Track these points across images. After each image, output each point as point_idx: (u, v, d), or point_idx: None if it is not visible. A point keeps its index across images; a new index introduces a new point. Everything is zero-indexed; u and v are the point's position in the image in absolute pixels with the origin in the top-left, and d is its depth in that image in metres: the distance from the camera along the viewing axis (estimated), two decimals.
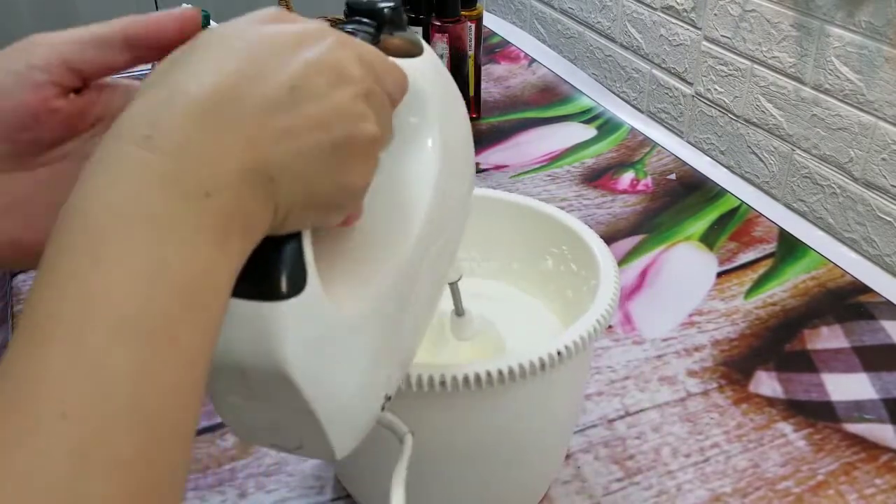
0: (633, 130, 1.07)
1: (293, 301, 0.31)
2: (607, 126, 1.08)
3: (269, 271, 0.31)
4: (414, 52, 0.40)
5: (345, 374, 0.35)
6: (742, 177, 1.00)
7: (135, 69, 0.35)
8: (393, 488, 0.40)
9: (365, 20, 0.38)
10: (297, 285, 0.31)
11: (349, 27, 0.38)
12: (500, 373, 0.42)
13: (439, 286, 0.44)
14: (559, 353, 0.43)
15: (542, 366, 0.43)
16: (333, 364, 0.34)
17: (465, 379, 0.42)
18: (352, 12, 0.39)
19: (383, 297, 0.36)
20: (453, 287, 0.51)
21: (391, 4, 0.39)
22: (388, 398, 0.39)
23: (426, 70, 0.40)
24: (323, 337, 0.33)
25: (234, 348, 0.32)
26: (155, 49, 0.33)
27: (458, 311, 0.52)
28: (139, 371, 0.23)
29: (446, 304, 0.52)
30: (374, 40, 0.38)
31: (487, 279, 0.61)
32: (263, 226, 0.29)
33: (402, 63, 0.38)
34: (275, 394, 0.33)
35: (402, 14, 0.40)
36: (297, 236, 0.32)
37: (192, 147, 0.26)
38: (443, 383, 0.42)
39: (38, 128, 0.32)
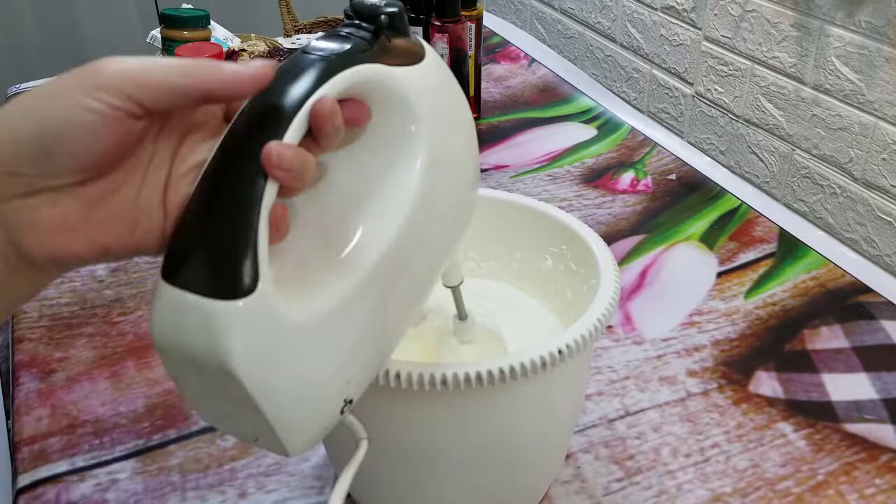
0: (633, 130, 1.07)
1: (242, 302, 0.31)
2: (607, 126, 1.08)
3: (221, 269, 0.32)
4: (414, 58, 0.39)
5: (295, 377, 0.35)
6: (742, 177, 1.00)
7: None
8: (336, 488, 0.40)
9: (363, 24, 0.37)
10: (248, 287, 0.32)
11: (345, 30, 0.37)
12: (502, 372, 0.42)
13: (420, 296, 0.43)
14: (560, 352, 0.43)
15: (544, 364, 0.43)
16: (282, 366, 0.34)
17: (467, 377, 0.42)
18: (351, 15, 0.38)
19: (342, 306, 0.36)
20: (455, 291, 0.51)
21: (393, 9, 0.38)
22: (349, 402, 0.38)
23: (426, 77, 0.40)
24: (271, 339, 0.33)
25: (184, 340, 0.32)
26: (224, 101, 0.34)
27: (461, 316, 0.52)
28: None
29: (450, 307, 0.52)
30: (371, 45, 0.37)
31: (486, 279, 0.61)
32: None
33: (398, 71, 0.38)
34: (225, 388, 0.33)
35: (403, 18, 0.39)
36: (253, 237, 0.32)
37: None
38: (444, 382, 0.42)
39: (97, 146, 0.32)
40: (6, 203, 0.31)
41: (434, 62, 0.41)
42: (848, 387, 0.66)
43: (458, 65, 1.00)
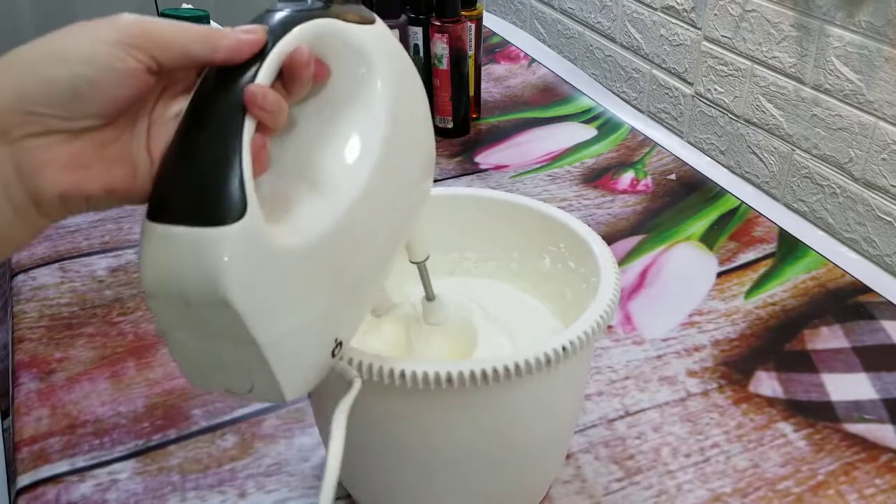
0: (633, 130, 1.07)
1: (234, 226, 0.31)
2: (607, 126, 1.08)
3: (210, 195, 0.32)
4: (366, 22, 0.41)
5: (290, 306, 0.35)
6: (742, 177, 1.00)
7: None
8: (333, 426, 0.40)
9: None
10: (238, 210, 0.32)
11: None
12: (507, 369, 0.42)
13: (395, 240, 0.44)
14: (563, 349, 0.43)
15: (548, 361, 0.43)
16: (277, 294, 0.34)
17: (472, 375, 0.42)
18: None
19: (329, 236, 0.37)
20: (421, 268, 0.51)
21: None
22: (339, 344, 0.39)
23: (379, 35, 0.41)
24: (265, 265, 0.33)
25: (175, 276, 0.32)
26: (224, 65, 0.35)
27: (429, 296, 0.52)
28: None
29: (419, 294, 0.52)
30: (326, 5, 0.38)
31: (485, 279, 0.61)
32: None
33: (354, 27, 0.40)
34: (219, 324, 0.33)
35: None
36: (238, 161, 0.32)
37: None
38: (449, 380, 0.42)
39: (122, 94, 0.34)
40: (21, 142, 0.33)
41: (384, 29, 0.42)
42: (848, 387, 0.66)
43: (458, 65, 1.00)
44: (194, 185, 0.32)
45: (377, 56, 0.41)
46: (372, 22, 0.41)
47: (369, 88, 0.40)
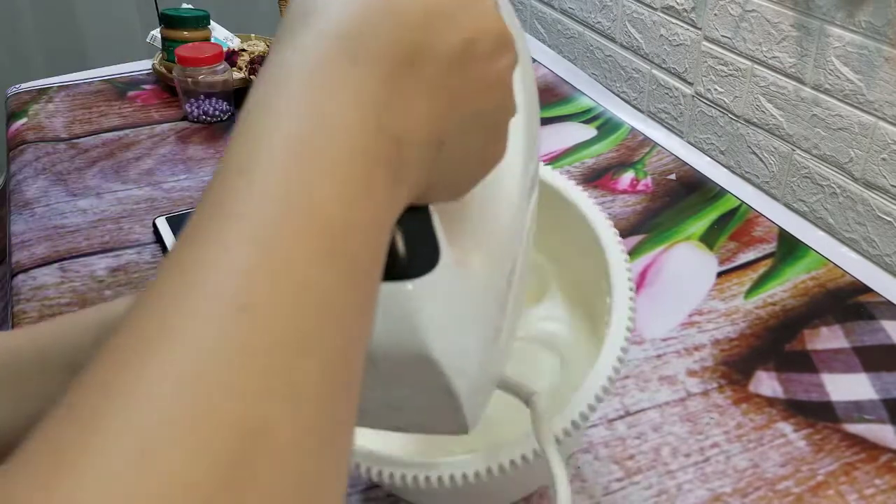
0: (633, 130, 1.07)
1: (428, 277, 0.29)
2: (607, 126, 1.08)
3: (402, 250, 0.29)
4: None
5: (476, 339, 0.32)
6: (742, 177, 1.00)
7: None
8: (549, 455, 0.39)
9: None
10: (432, 260, 0.29)
11: None
12: (501, 467, 0.43)
13: (530, 245, 0.41)
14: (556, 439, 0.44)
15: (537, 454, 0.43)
16: (466, 332, 0.32)
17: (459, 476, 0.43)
18: None
19: (507, 245, 0.35)
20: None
21: None
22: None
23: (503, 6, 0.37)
24: (457, 306, 0.31)
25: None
26: None
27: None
28: (334, 288, 0.22)
29: None
30: None
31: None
32: (418, 192, 0.28)
33: None
34: (408, 376, 0.31)
35: None
36: (425, 207, 0.30)
37: (394, 86, 0.25)
38: (465, 478, 0.42)
39: None
40: None
41: None
42: (848, 387, 0.66)
43: None
44: None
45: (516, 31, 0.36)
46: None
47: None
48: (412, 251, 0.29)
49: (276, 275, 0.21)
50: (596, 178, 0.96)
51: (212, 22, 1.18)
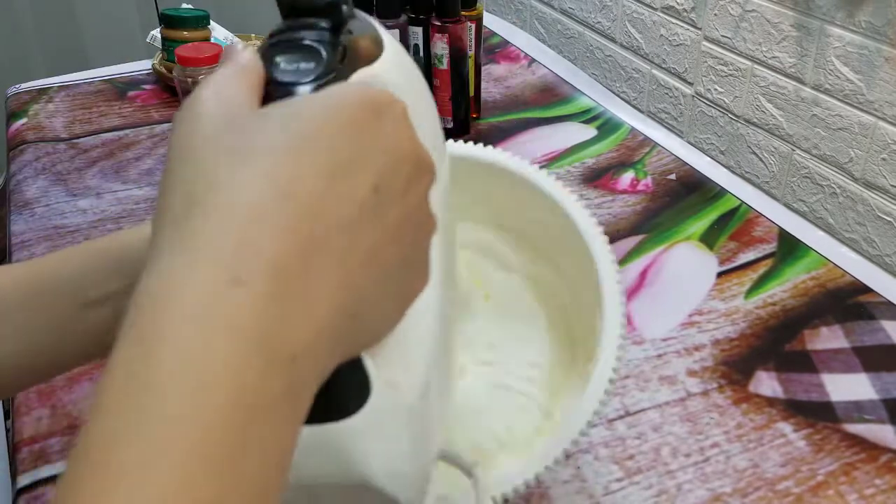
0: (633, 130, 1.07)
1: (362, 413, 0.29)
2: (607, 126, 1.08)
3: (333, 390, 0.28)
4: (378, 50, 0.34)
5: (419, 451, 0.33)
6: (742, 177, 1.00)
7: None
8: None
9: (320, 24, 0.31)
10: (363, 395, 0.29)
11: (307, 39, 0.31)
12: None
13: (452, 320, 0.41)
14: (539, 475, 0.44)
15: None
16: (409, 449, 0.32)
17: None
18: (296, 12, 0.31)
19: (430, 355, 0.34)
20: None
21: None
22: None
23: (399, 63, 0.35)
24: (392, 426, 0.31)
25: (305, 472, 0.29)
26: None
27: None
28: None
29: None
30: (335, 46, 0.30)
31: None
32: (333, 367, 0.26)
33: (379, 70, 0.33)
34: (350, 499, 0.31)
35: (351, 4, 0.33)
36: None
37: (284, 299, 0.23)
38: None
39: None
40: None
41: (391, 41, 0.36)
42: (848, 387, 0.66)
43: (458, 65, 1.00)
44: None
45: (412, 102, 0.34)
46: (382, 47, 0.34)
47: None
48: (344, 389, 0.29)
49: None
50: (596, 178, 0.96)
51: (212, 22, 1.18)
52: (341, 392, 0.28)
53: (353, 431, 0.28)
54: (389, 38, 0.36)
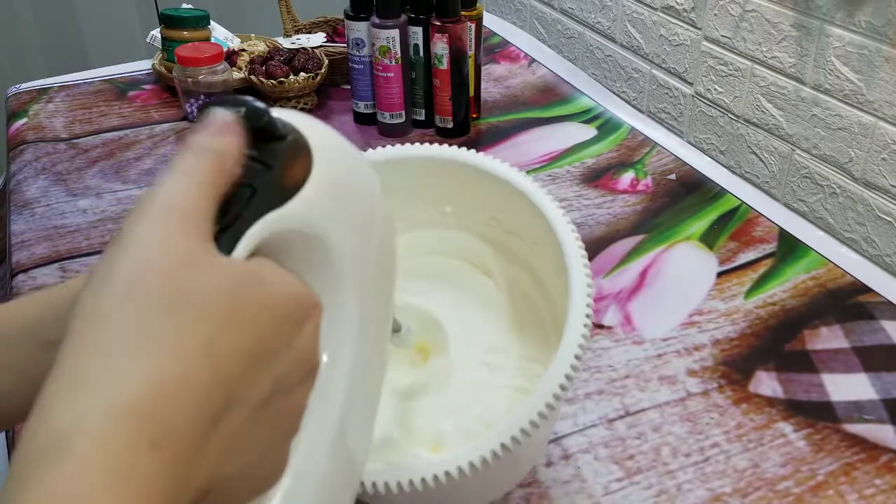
0: (633, 130, 1.07)
1: None
2: (607, 126, 1.08)
3: None
4: (306, 169, 0.31)
5: None
6: (742, 177, 1.00)
7: None
8: None
9: (250, 152, 0.29)
10: None
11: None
12: (460, 469, 0.42)
13: (373, 405, 0.39)
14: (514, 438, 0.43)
15: (505, 449, 0.43)
16: None
17: (437, 477, 0.42)
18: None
19: (329, 449, 0.33)
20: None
21: (262, 106, 0.29)
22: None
23: (331, 184, 0.32)
24: None
25: None
26: None
27: (394, 328, 0.50)
28: None
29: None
30: (268, 168, 0.29)
31: (458, 240, 0.60)
32: None
33: (298, 207, 0.30)
34: None
35: (272, 119, 0.30)
36: None
37: (191, 465, 0.23)
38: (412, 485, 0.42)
39: None
40: None
41: (320, 153, 0.32)
42: (848, 387, 0.66)
43: (458, 65, 1.00)
44: None
45: (336, 242, 0.32)
46: (310, 160, 0.31)
47: (336, 291, 0.33)
48: None
49: None
50: (596, 178, 0.96)
51: (212, 22, 1.18)
52: None
53: None
54: (318, 143, 0.32)
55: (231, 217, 0.28)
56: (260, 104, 0.30)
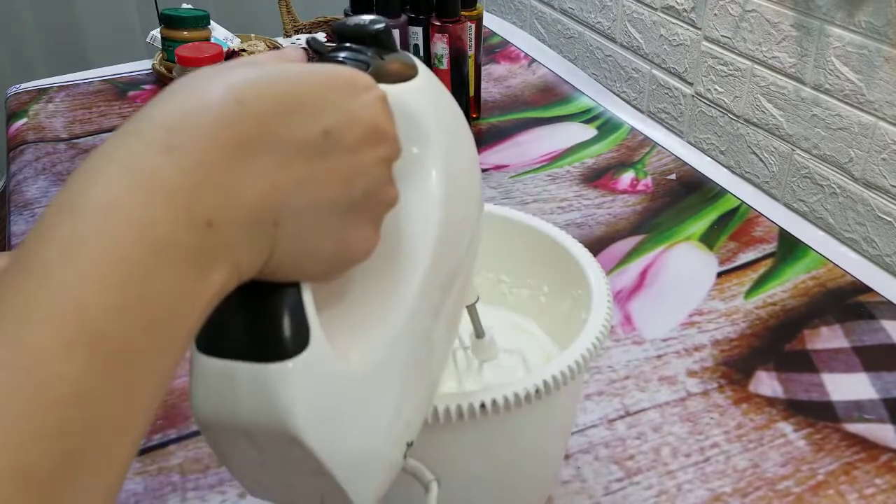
0: (633, 130, 1.07)
1: (297, 359, 0.29)
2: (607, 126, 1.08)
3: (269, 329, 0.29)
4: (410, 73, 0.38)
5: (361, 429, 0.33)
6: (742, 177, 1.00)
7: None
8: None
9: (353, 46, 0.36)
10: (301, 342, 0.29)
11: (341, 55, 0.36)
12: (495, 402, 0.42)
13: (455, 320, 0.41)
14: (554, 379, 0.43)
15: (538, 392, 0.43)
16: (347, 420, 0.32)
17: (495, 403, 0.42)
18: (339, 38, 0.37)
19: (395, 344, 0.34)
20: (472, 309, 0.50)
21: (380, 26, 0.37)
22: (410, 444, 0.37)
23: (427, 91, 0.38)
24: (333, 394, 0.31)
25: (239, 411, 0.30)
26: None
27: (478, 334, 0.51)
28: (79, 390, 0.22)
29: (465, 325, 0.51)
30: (367, 66, 0.35)
31: (515, 312, 0.59)
32: (253, 269, 0.28)
33: (401, 88, 0.36)
34: (286, 456, 0.31)
35: (390, 34, 0.38)
36: (296, 288, 0.30)
37: (210, 171, 0.25)
38: (460, 415, 0.42)
39: None
40: None
41: (428, 76, 0.39)
42: (848, 387, 0.66)
43: (458, 65, 1.00)
44: (252, 316, 0.30)
45: (431, 124, 0.37)
46: (416, 73, 0.38)
47: (423, 160, 0.37)
48: (281, 327, 0.29)
49: (40, 388, 0.21)
50: (596, 178, 0.96)
51: (212, 22, 1.18)
52: (278, 330, 0.29)
53: (285, 376, 0.29)
54: (427, 72, 0.39)
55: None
56: (381, 20, 0.37)
